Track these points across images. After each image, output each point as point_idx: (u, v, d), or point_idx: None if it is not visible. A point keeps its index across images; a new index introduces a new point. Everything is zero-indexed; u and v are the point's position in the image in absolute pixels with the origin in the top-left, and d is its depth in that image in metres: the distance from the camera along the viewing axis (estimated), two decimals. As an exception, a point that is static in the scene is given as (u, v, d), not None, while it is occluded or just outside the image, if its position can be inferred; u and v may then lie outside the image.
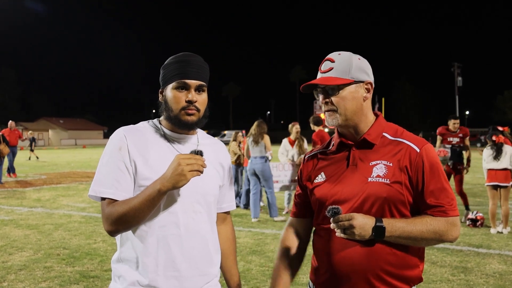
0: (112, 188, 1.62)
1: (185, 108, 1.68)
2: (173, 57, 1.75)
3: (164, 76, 1.74)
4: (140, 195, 1.59)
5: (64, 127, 77.05)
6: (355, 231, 1.51)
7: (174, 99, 1.69)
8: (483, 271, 5.08)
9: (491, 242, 6.40)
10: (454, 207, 1.61)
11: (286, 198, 8.89)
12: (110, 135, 1.79)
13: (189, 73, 1.69)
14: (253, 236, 6.87)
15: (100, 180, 1.65)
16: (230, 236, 1.96)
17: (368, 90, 1.68)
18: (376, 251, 1.57)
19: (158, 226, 1.64)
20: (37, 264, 5.37)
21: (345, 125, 1.68)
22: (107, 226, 1.62)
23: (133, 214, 1.57)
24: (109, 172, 1.64)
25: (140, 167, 1.64)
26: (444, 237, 1.59)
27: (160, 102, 1.78)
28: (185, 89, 1.69)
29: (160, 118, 1.80)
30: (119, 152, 1.64)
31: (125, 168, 1.64)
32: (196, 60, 1.73)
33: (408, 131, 1.72)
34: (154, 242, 1.64)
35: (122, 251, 1.69)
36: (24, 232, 7.06)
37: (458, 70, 66.62)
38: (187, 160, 1.55)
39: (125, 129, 1.71)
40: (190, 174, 1.55)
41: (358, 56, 1.71)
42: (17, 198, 10.88)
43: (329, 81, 1.65)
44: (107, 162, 1.66)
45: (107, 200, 1.63)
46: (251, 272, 5.07)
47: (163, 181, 1.55)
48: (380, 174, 1.60)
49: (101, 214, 1.65)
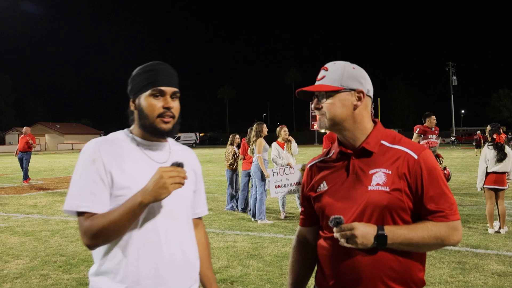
0: (88, 202, 1.60)
1: (161, 114, 1.69)
2: (142, 67, 1.75)
3: (135, 85, 1.73)
4: (121, 208, 1.57)
5: (60, 132, 76.95)
6: (358, 240, 1.53)
7: (151, 107, 1.69)
8: (482, 272, 5.08)
9: (489, 243, 6.40)
10: (454, 211, 1.62)
11: (281, 203, 8.82)
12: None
13: (163, 80, 1.70)
14: (251, 240, 6.85)
15: (75, 194, 1.63)
16: (204, 241, 1.97)
17: (360, 99, 1.70)
18: (379, 258, 1.59)
19: (138, 235, 1.63)
20: (33, 272, 5.33)
21: (335, 129, 1.72)
22: (86, 240, 1.60)
23: (113, 227, 1.57)
24: (84, 185, 1.62)
25: (116, 178, 1.63)
26: (446, 242, 1.61)
27: (130, 112, 1.78)
28: (161, 96, 1.70)
29: (131, 128, 1.80)
30: (92, 164, 1.63)
31: (100, 180, 1.62)
32: (167, 68, 1.75)
33: (406, 138, 1.74)
34: (135, 252, 1.63)
35: (102, 263, 1.67)
36: (21, 239, 7.02)
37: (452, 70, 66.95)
38: (169, 172, 1.56)
39: (97, 141, 1.70)
40: (172, 187, 1.56)
41: (353, 65, 1.74)
42: (13, 204, 10.82)
43: (319, 88, 1.70)
44: (81, 175, 1.64)
45: (84, 214, 1.61)
46: (249, 277, 5.05)
47: (145, 194, 1.55)
48: (379, 182, 1.61)
49: (79, 228, 1.62)
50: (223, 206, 10.04)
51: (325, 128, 1.73)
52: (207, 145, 76.01)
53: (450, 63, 67.15)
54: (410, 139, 1.76)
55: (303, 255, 1.90)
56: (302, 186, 1.89)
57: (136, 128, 1.76)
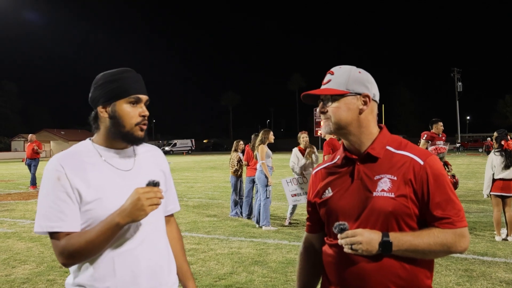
0: (59, 221, 1.58)
1: (139, 123, 1.69)
2: (111, 73, 1.71)
3: (107, 92, 1.68)
4: (97, 227, 1.56)
5: (65, 138, 77.24)
6: (362, 247, 1.52)
7: (129, 114, 1.67)
8: (489, 280, 5.03)
9: (496, 250, 6.35)
10: (461, 218, 1.59)
11: (290, 211, 8.73)
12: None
13: (139, 88, 1.70)
14: (255, 246, 6.83)
15: (44, 214, 1.60)
16: (176, 235, 1.97)
17: (366, 103, 1.68)
18: (385, 265, 1.57)
19: (112, 245, 1.62)
20: (40, 277, 5.35)
21: (340, 134, 1.70)
22: (62, 259, 1.58)
23: (90, 247, 1.56)
24: (52, 204, 1.59)
25: (84, 192, 1.60)
26: (452, 249, 1.58)
27: (94, 119, 1.74)
28: (137, 104, 1.69)
29: (92, 137, 1.76)
30: (57, 182, 1.59)
31: (67, 197, 1.59)
32: (137, 75, 1.74)
33: (412, 143, 1.72)
34: (111, 262, 1.62)
35: (78, 275, 1.65)
36: (27, 245, 7.04)
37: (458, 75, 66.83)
38: (146, 194, 1.54)
39: (58, 158, 1.66)
40: (149, 208, 1.55)
41: (359, 69, 1.73)
42: (20, 210, 10.86)
43: (325, 91, 1.69)
44: (47, 194, 1.60)
45: (57, 234, 1.59)
46: (253, 283, 5.04)
47: (122, 215, 1.54)
48: (384, 188, 1.59)
49: (53, 248, 1.61)
50: (228, 212, 10.04)
51: (330, 133, 1.71)
52: (211, 151, 76.02)
53: (455, 69, 67.05)
54: (415, 145, 1.74)
55: (309, 262, 1.88)
56: (308, 192, 1.88)
57: (102, 136, 1.72)
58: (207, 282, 5.08)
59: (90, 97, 1.73)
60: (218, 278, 5.23)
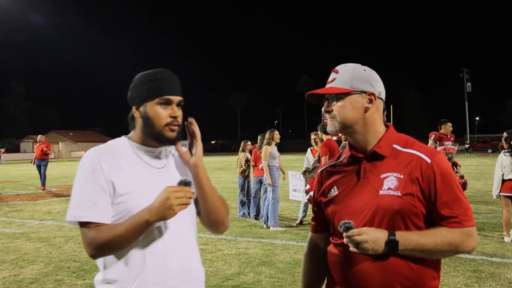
0: (90, 212, 1.61)
1: (169, 124, 1.70)
2: (147, 74, 1.75)
3: (140, 93, 1.73)
4: (127, 223, 1.58)
5: (74, 140, 77.77)
6: (368, 246, 1.50)
7: (159, 115, 1.70)
8: (498, 281, 4.99)
9: (505, 251, 6.30)
10: (469, 217, 1.57)
11: (302, 209, 8.79)
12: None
13: (170, 89, 1.72)
14: (263, 246, 6.83)
15: (76, 204, 1.63)
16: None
17: (371, 101, 1.66)
18: (391, 264, 1.55)
19: (144, 242, 1.64)
20: (48, 277, 5.38)
21: (346, 133, 1.69)
22: (89, 250, 1.61)
23: (118, 241, 1.57)
24: (85, 195, 1.62)
25: (117, 185, 1.64)
26: (460, 249, 1.55)
27: (131, 118, 1.78)
28: (168, 105, 1.71)
29: (129, 135, 1.80)
30: (92, 174, 1.63)
31: (101, 189, 1.62)
32: (172, 76, 1.76)
33: (419, 142, 1.70)
34: (142, 259, 1.63)
35: (108, 272, 1.67)
36: (35, 245, 7.09)
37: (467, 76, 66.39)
38: (175, 193, 1.55)
39: (96, 150, 1.70)
40: (178, 208, 1.56)
41: (364, 67, 1.71)
42: (28, 211, 10.94)
43: (329, 90, 1.67)
44: (82, 185, 1.64)
45: (87, 224, 1.61)
46: (261, 284, 5.04)
47: (151, 213, 1.55)
48: (391, 186, 1.57)
49: (82, 239, 1.63)
50: (235, 213, 10.04)
51: (335, 132, 1.70)
52: (218, 152, 76.09)
53: (464, 69, 66.62)
54: (422, 143, 1.72)
55: (315, 262, 1.87)
56: (314, 192, 1.87)
57: (137, 135, 1.77)
58: (215, 283, 5.09)
59: (127, 96, 1.78)
60: (225, 279, 5.23)
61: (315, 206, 1.85)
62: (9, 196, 14.19)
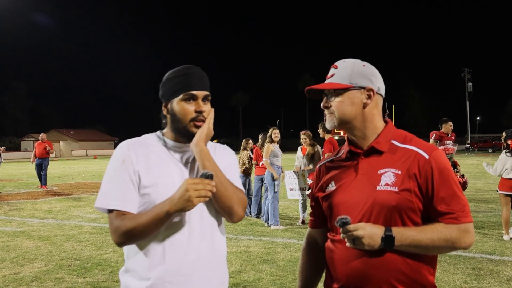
0: (118, 200, 1.65)
1: (194, 118, 1.71)
2: (173, 71, 1.77)
3: (167, 90, 1.76)
4: (149, 212, 1.61)
5: (75, 138, 77.78)
6: (364, 241, 1.49)
7: (183, 111, 1.71)
8: (497, 279, 5.01)
9: (504, 249, 6.31)
10: (466, 213, 1.56)
11: (301, 208, 8.82)
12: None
13: (194, 84, 1.72)
14: (264, 245, 6.85)
15: (106, 192, 1.68)
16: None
17: (370, 97, 1.66)
18: (387, 260, 1.55)
19: (165, 233, 1.66)
20: (48, 275, 5.40)
21: (345, 128, 1.69)
22: (115, 237, 1.65)
23: (140, 230, 1.61)
24: (115, 184, 1.68)
25: (143, 176, 1.68)
26: (456, 245, 1.55)
27: (163, 116, 1.81)
28: (193, 100, 1.72)
29: (164, 131, 1.83)
30: (122, 164, 1.68)
31: (129, 180, 1.67)
32: (198, 71, 1.76)
33: (418, 138, 1.69)
34: (161, 251, 1.65)
35: (129, 263, 1.71)
36: (36, 244, 7.11)
37: (468, 76, 66.34)
38: (195, 185, 1.56)
39: (128, 142, 1.75)
40: (197, 200, 1.56)
41: (363, 63, 1.70)
42: (29, 209, 10.96)
43: (328, 86, 1.67)
44: (112, 175, 1.70)
45: (114, 212, 1.66)
46: (262, 281, 5.05)
47: (171, 204, 1.57)
48: (388, 182, 1.57)
49: (109, 226, 1.68)
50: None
51: (334, 127, 1.70)
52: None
53: (465, 69, 66.55)
54: (421, 139, 1.72)
55: (312, 257, 1.86)
56: (312, 187, 1.87)
57: (169, 131, 1.79)
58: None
59: (159, 94, 1.81)
60: (225, 276, 5.23)
61: (313, 201, 1.85)
62: (10, 195, 14.22)
